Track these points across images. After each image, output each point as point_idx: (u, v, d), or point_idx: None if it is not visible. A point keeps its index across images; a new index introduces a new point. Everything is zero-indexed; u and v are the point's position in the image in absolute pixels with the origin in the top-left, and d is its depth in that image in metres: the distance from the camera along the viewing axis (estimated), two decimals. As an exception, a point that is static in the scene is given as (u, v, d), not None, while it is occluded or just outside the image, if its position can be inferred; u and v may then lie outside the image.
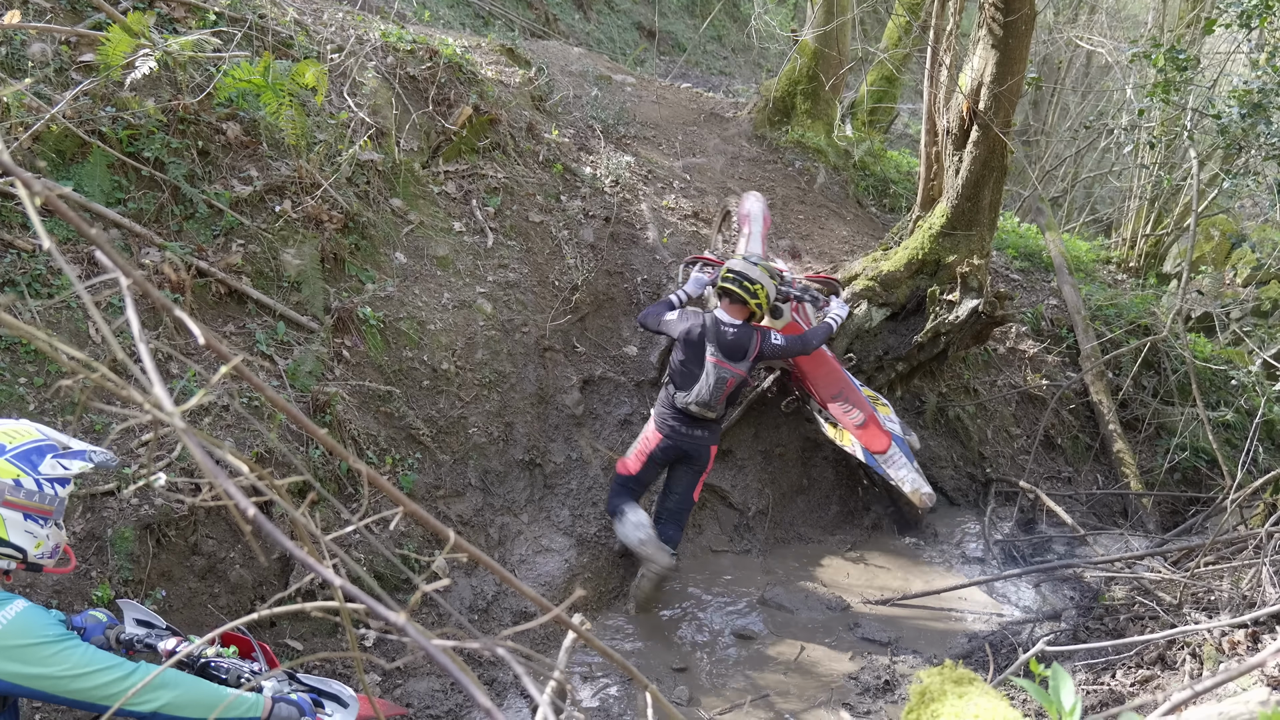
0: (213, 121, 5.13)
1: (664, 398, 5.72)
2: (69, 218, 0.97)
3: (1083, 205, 14.27)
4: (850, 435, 6.19)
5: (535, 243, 6.66)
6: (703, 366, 5.55)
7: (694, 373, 5.57)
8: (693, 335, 5.62)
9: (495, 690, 4.71)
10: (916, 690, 1.76)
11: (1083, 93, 13.58)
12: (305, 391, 4.79)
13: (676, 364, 5.66)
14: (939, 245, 7.10)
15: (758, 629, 5.54)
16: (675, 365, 5.67)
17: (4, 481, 2.31)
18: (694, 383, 5.54)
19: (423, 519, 1.11)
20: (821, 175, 9.26)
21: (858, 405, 6.22)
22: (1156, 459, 8.07)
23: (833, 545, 6.76)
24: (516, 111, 7.30)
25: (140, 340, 0.96)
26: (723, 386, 5.54)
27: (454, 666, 0.94)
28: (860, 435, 6.16)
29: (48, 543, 2.43)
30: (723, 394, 5.56)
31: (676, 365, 5.66)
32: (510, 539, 5.59)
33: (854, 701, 4.81)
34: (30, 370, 4.05)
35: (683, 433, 5.62)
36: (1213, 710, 1.50)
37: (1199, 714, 1.52)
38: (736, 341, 5.60)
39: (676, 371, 5.65)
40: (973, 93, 6.73)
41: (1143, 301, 9.23)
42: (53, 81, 4.67)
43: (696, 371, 5.57)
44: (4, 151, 1.03)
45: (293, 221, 5.21)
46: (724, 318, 5.64)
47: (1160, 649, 4.45)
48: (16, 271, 4.18)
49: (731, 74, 14.99)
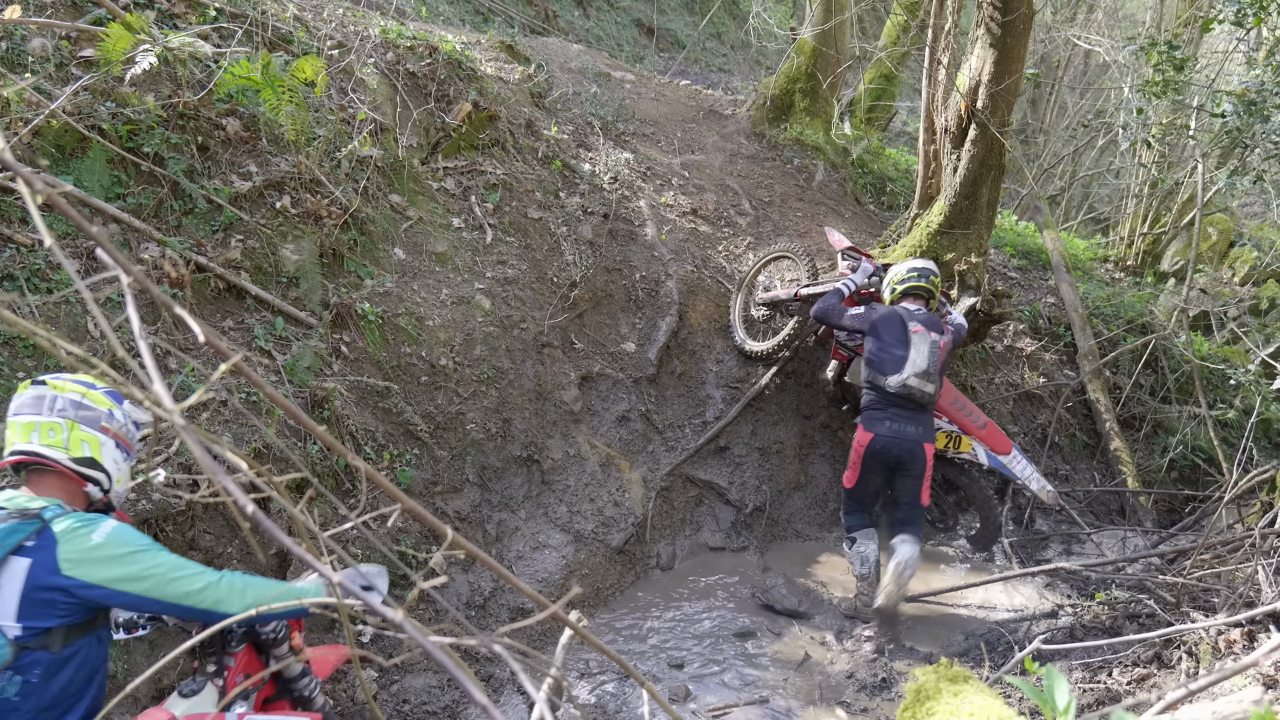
0: (212, 117, 5.12)
1: (871, 398, 5.66)
2: (70, 215, 0.97)
3: (1080, 203, 14.28)
4: (970, 439, 6.21)
5: (534, 239, 6.66)
6: (907, 343, 5.57)
7: (898, 353, 5.56)
8: (889, 316, 5.67)
9: (492, 687, 4.71)
10: (912, 688, 1.77)
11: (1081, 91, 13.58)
12: (303, 387, 4.79)
13: (875, 352, 5.62)
14: (937, 243, 7.11)
15: (755, 626, 5.55)
16: (874, 354, 5.63)
17: (100, 410, 2.55)
18: (902, 362, 5.53)
19: (420, 515, 1.12)
20: (820, 173, 9.26)
21: (974, 408, 6.28)
22: (1154, 457, 8.09)
23: (830, 542, 6.77)
24: (516, 108, 7.30)
25: (140, 337, 0.96)
26: (936, 351, 5.57)
27: (451, 663, 0.95)
28: (983, 436, 6.20)
29: (125, 481, 2.66)
30: (938, 360, 5.57)
31: (876, 353, 5.62)
32: (508, 535, 5.60)
33: (850, 699, 4.82)
34: (29, 365, 4.05)
35: (896, 430, 5.52)
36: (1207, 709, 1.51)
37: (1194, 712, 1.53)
38: (929, 318, 5.72)
39: (877, 360, 5.60)
40: (971, 91, 6.74)
41: (1141, 300, 9.25)
42: (53, 77, 4.67)
43: (900, 351, 5.56)
44: (5, 148, 1.03)
45: (292, 217, 5.21)
46: (910, 305, 5.82)
47: (1156, 648, 4.46)
48: (16, 267, 4.18)
49: (730, 71, 14.98)
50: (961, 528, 6.94)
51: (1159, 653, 4.44)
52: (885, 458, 5.57)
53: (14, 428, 2.50)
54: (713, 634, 5.48)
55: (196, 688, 2.74)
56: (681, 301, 7.13)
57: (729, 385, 7.07)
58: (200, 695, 2.73)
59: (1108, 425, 7.94)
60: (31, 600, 2.31)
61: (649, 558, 6.21)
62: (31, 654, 2.31)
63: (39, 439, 2.47)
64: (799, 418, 7.19)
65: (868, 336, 5.74)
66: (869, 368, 5.69)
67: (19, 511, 2.38)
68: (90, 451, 2.51)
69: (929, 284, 5.87)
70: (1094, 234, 13.16)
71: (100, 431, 2.54)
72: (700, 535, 6.55)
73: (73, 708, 2.40)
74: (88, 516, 2.45)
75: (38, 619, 2.31)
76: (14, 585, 2.30)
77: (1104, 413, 8.00)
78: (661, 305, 7.06)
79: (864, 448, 5.58)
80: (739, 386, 7.07)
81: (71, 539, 2.35)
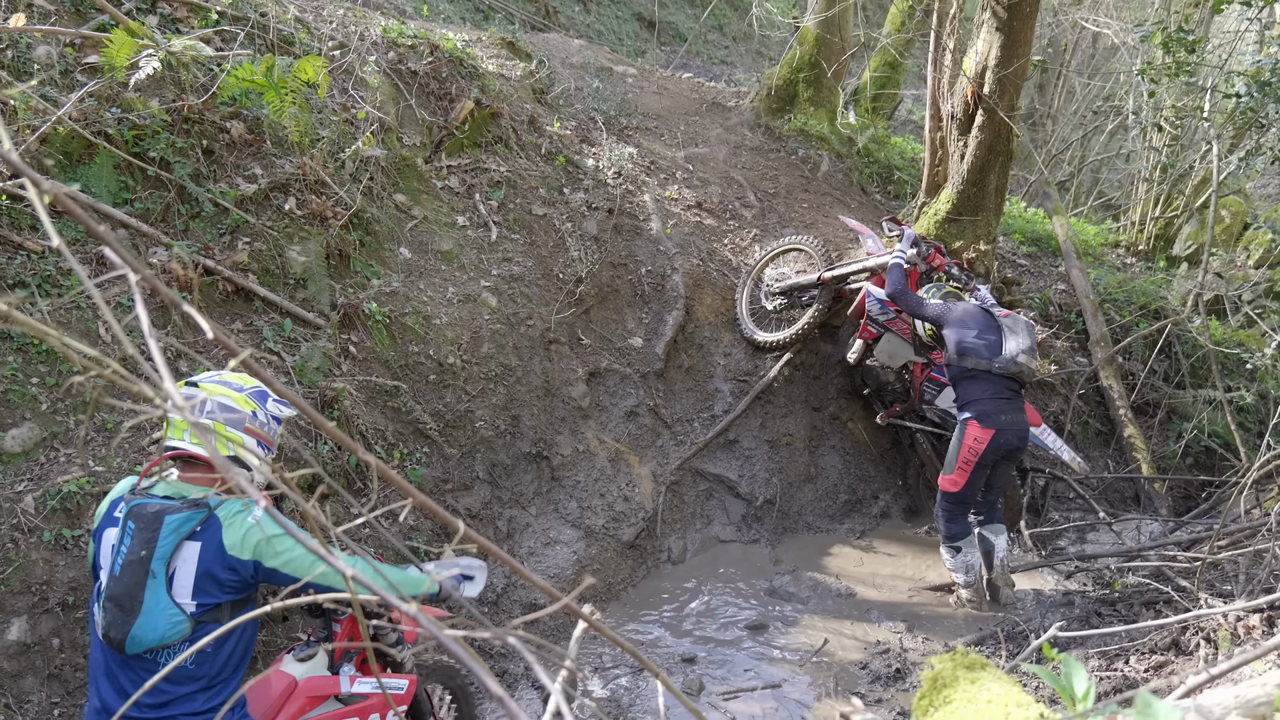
0: (217, 120, 5.13)
1: (973, 389, 5.50)
2: (77, 215, 0.97)
3: (1090, 188, 14.20)
4: None
5: (539, 235, 6.65)
6: (998, 328, 5.53)
7: (993, 338, 5.50)
8: (971, 310, 5.63)
9: (506, 682, 4.72)
10: (928, 676, 1.76)
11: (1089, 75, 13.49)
12: (313, 387, 4.80)
13: (971, 340, 5.50)
14: (945, 231, 7.08)
15: (767, 619, 5.55)
16: (969, 342, 5.50)
17: (245, 412, 2.85)
18: (998, 345, 5.47)
19: (432, 510, 1.11)
20: (825, 163, 9.23)
21: None
22: (1168, 443, 8.04)
23: (842, 534, 6.76)
24: (518, 105, 7.30)
25: (150, 336, 0.96)
26: (1031, 328, 5.57)
27: (466, 656, 0.94)
28: None
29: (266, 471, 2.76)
30: (1035, 339, 5.57)
31: (971, 341, 5.50)
32: (519, 531, 5.61)
33: (865, 690, 4.81)
34: (42, 370, 4.07)
35: (1012, 420, 5.41)
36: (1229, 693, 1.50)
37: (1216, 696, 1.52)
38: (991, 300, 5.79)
39: (973, 346, 5.49)
40: (977, 77, 6.71)
41: (1153, 285, 9.19)
42: (58, 84, 4.68)
43: (993, 336, 5.51)
44: (13, 151, 1.03)
45: (297, 219, 5.22)
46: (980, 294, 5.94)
47: (1174, 634, 4.44)
48: (27, 273, 4.20)
49: (733, 63, 14.94)
50: None
51: (1177, 639, 4.42)
52: (1004, 450, 5.45)
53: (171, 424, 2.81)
54: (725, 626, 5.48)
55: (311, 653, 3.04)
56: (688, 295, 7.11)
57: (737, 378, 7.06)
58: (314, 660, 3.04)
59: (1121, 412, 7.90)
60: (204, 579, 2.61)
61: (660, 552, 6.21)
62: (205, 627, 2.61)
63: (190, 438, 2.76)
64: (808, 409, 7.18)
65: (950, 328, 5.62)
66: (964, 355, 5.52)
67: (190, 502, 2.66)
68: (234, 451, 2.75)
69: None
70: (1104, 219, 13.08)
71: (244, 432, 2.82)
72: (711, 529, 6.55)
73: (235, 673, 2.75)
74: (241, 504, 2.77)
75: (209, 596, 2.61)
76: (188, 567, 2.62)
77: (1117, 399, 7.96)
78: (668, 299, 7.05)
79: (984, 445, 5.38)
80: (747, 379, 7.06)
81: (233, 525, 2.66)
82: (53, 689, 3.70)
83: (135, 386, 0.92)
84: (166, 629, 2.59)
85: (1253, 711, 1.42)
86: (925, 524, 7.00)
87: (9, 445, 3.86)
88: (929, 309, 5.77)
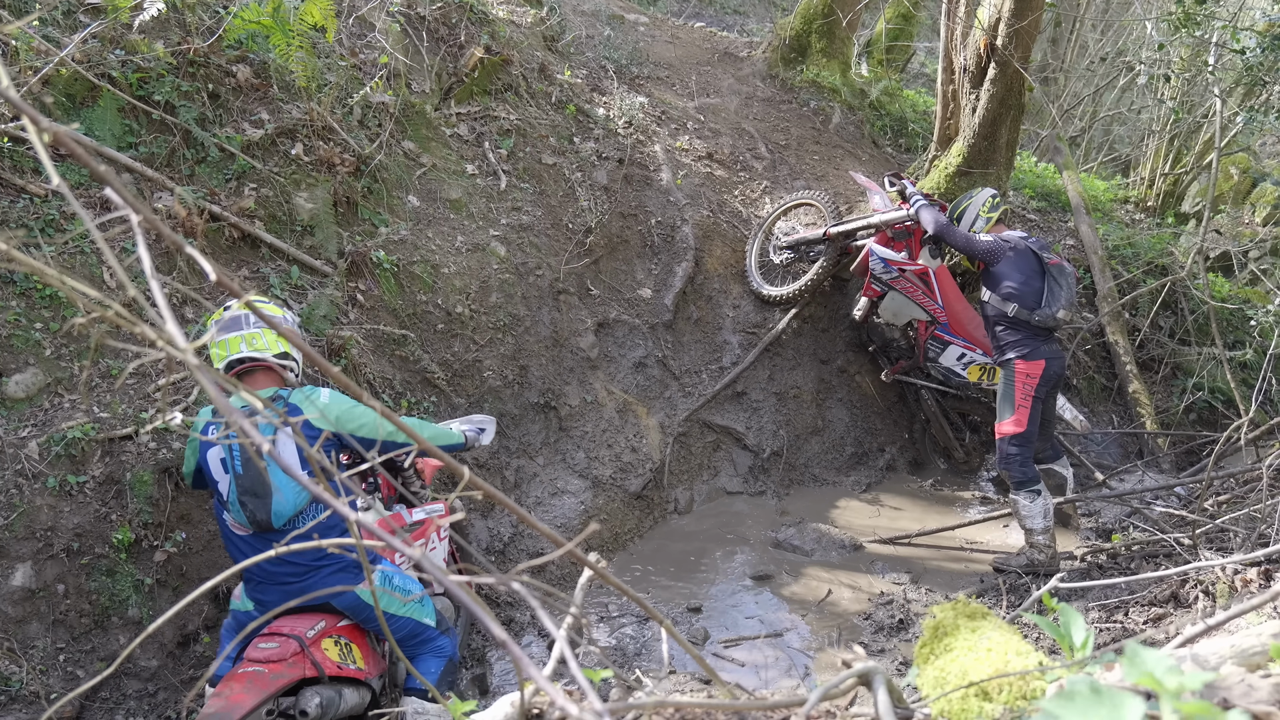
0: (223, 64, 5.08)
1: (1012, 333, 5.43)
2: (79, 156, 0.96)
3: (1101, 144, 14.03)
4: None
5: (548, 185, 6.61)
6: (1043, 274, 5.41)
7: (1038, 285, 5.39)
8: (1022, 250, 5.47)
9: (512, 631, 4.78)
10: (930, 625, 1.77)
11: (1103, 29, 13.27)
12: (320, 335, 4.81)
13: (1018, 286, 5.38)
14: (956, 185, 7.02)
15: (772, 570, 5.59)
16: (1015, 288, 5.38)
17: (279, 315, 3.38)
18: (1041, 294, 5.37)
19: (435, 453, 1.12)
20: (837, 115, 9.13)
21: None
22: (1173, 399, 8.03)
23: (848, 487, 6.79)
24: (528, 52, 7.21)
25: (152, 277, 0.96)
26: (1074, 283, 5.45)
27: (470, 601, 0.95)
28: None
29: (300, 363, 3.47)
30: (1075, 291, 5.46)
31: (1018, 286, 5.38)
32: (526, 481, 5.64)
33: (868, 640, 4.86)
34: (46, 315, 4.08)
35: (1053, 350, 5.41)
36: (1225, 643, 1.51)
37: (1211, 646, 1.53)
38: (1045, 245, 5.59)
39: (1020, 294, 5.37)
40: (991, 29, 6.61)
41: (1160, 241, 9.12)
42: (61, 24, 4.63)
43: (1038, 283, 5.39)
44: (12, 89, 1.02)
45: (305, 165, 5.19)
46: (1018, 233, 5.68)
47: (1173, 586, 4.46)
48: (30, 217, 4.19)
49: (746, 13, 14.71)
50: (985, 468, 6.95)
51: (1175, 592, 4.45)
52: (1053, 380, 5.44)
53: (224, 345, 3.26)
54: (730, 577, 5.53)
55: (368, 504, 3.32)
56: (698, 247, 7.08)
57: (746, 330, 7.05)
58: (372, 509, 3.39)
59: (1126, 367, 7.88)
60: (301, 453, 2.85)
61: (667, 503, 6.25)
62: None
63: (247, 347, 3.24)
64: (816, 362, 7.17)
65: (999, 266, 5.47)
66: (1009, 301, 5.39)
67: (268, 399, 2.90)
68: (284, 346, 3.31)
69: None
70: (1114, 175, 12.95)
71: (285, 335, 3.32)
72: (718, 480, 6.58)
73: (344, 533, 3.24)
74: (309, 388, 3.39)
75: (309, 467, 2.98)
76: (291, 447, 3.11)
77: (1122, 355, 7.94)
78: (677, 251, 7.02)
79: (1038, 378, 5.34)
80: (756, 332, 7.05)
81: (308, 406, 3.20)
82: (58, 634, 3.75)
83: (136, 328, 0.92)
84: (295, 496, 3.16)
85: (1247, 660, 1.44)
86: (930, 477, 7.02)
87: (12, 391, 3.88)
88: (978, 245, 5.61)
